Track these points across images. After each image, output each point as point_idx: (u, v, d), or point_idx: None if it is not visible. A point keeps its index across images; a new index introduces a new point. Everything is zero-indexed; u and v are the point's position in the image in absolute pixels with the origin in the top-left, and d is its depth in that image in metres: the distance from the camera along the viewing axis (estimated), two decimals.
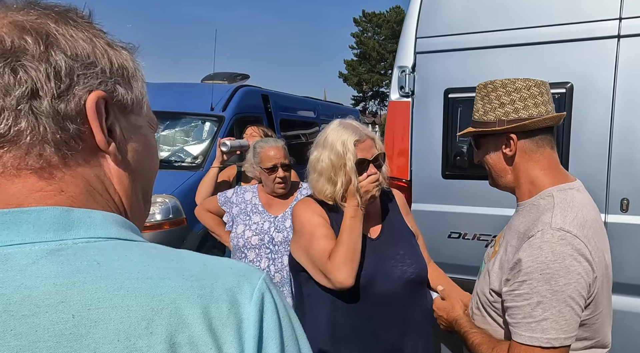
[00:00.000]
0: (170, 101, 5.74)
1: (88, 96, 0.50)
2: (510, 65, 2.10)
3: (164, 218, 4.55)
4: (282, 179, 2.26)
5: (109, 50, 0.53)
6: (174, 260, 0.49)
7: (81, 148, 0.50)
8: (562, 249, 1.02)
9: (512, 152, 1.18)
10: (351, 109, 10.54)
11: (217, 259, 0.52)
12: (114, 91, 0.52)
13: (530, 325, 1.03)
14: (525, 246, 1.06)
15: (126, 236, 0.50)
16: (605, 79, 1.94)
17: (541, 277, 1.02)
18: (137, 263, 0.47)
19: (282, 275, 2.21)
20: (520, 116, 1.16)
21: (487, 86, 1.21)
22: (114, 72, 0.52)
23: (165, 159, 5.27)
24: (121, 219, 0.52)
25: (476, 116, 1.23)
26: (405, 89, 2.30)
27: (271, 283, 0.52)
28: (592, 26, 1.93)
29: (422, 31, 2.25)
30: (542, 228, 1.06)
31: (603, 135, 1.96)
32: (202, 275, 0.48)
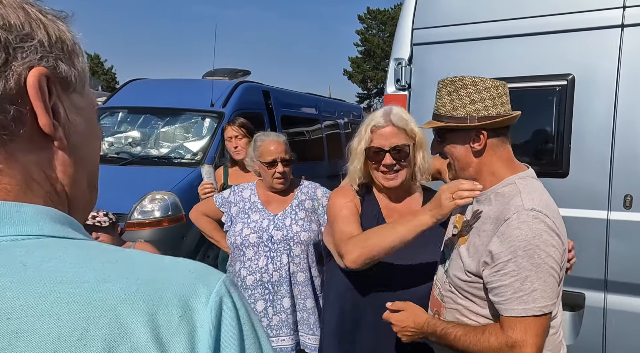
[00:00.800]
0: (170, 97, 5.72)
1: (28, 73, 0.44)
2: (510, 56, 2.04)
3: (163, 215, 4.52)
4: (282, 174, 2.21)
5: (44, 19, 0.47)
6: (119, 261, 0.44)
7: (22, 133, 0.44)
8: (538, 226, 1.14)
9: (480, 146, 1.26)
10: (354, 105, 10.48)
11: (172, 260, 0.47)
12: (55, 67, 0.47)
13: (522, 298, 1.13)
14: (502, 229, 1.16)
15: (62, 233, 0.45)
16: (608, 70, 1.87)
17: (524, 254, 1.13)
18: (72, 265, 0.41)
19: (281, 274, 2.16)
20: (490, 113, 1.25)
21: (455, 83, 1.27)
22: (53, 45, 0.47)
23: (165, 156, 5.25)
24: (58, 214, 0.46)
25: (442, 110, 1.28)
26: (401, 82, 2.24)
27: (232, 285, 0.47)
28: (594, 15, 1.86)
29: (419, 22, 2.19)
30: (517, 210, 1.17)
31: (606, 129, 1.89)
32: (151, 278, 0.43)
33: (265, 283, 2.16)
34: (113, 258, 0.44)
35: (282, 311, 2.16)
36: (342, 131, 8.28)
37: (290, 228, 2.17)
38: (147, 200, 4.55)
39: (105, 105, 6.11)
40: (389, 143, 1.51)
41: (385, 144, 1.51)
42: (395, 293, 1.52)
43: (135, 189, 4.61)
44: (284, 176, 2.22)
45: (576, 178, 1.95)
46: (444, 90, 1.29)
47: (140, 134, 5.56)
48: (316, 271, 2.25)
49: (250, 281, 2.18)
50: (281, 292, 2.15)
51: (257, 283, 2.17)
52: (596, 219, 1.93)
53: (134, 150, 5.42)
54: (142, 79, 6.49)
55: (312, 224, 2.24)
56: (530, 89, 2.02)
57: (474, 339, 1.21)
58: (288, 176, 2.25)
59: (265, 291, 2.16)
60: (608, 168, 1.90)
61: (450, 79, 1.28)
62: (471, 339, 1.22)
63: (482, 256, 1.21)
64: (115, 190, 4.65)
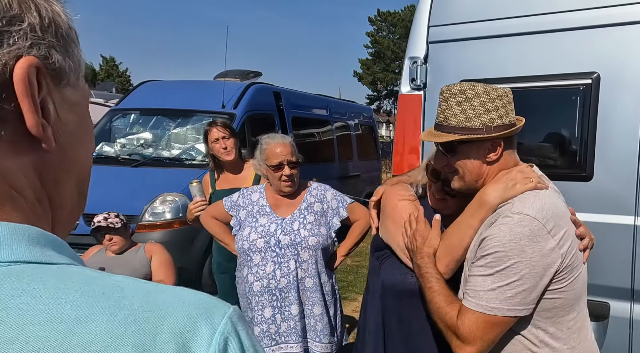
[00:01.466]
0: (182, 99, 5.73)
1: (15, 63, 0.37)
2: (531, 54, 1.96)
3: (174, 216, 4.52)
4: (289, 177, 2.16)
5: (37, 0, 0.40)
6: (105, 294, 0.36)
7: (4, 134, 0.38)
8: (519, 230, 1.13)
9: (497, 156, 1.25)
10: (364, 107, 10.42)
11: (168, 289, 0.40)
12: (48, 56, 0.40)
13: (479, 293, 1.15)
14: (488, 230, 1.17)
15: (41, 258, 0.37)
16: (635, 69, 1.78)
17: (496, 254, 1.14)
18: (48, 300, 0.34)
19: (288, 280, 2.11)
20: (504, 122, 1.22)
21: (465, 92, 1.23)
22: (45, 30, 0.40)
23: (176, 157, 5.25)
24: (37, 233, 0.38)
25: (454, 122, 1.24)
26: (416, 82, 2.17)
27: (240, 320, 0.40)
28: (621, 10, 1.77)
29: (435, 19, 2.12)
30: (504, 213, 1.17)
31: (633, 130, 1.80)
32: (143, 314, 0.36)
33: (273, 289, 2.11)
34: (99, 289, 0.37)
35: (291, 318, 2.11)
36: (353, 133, 8.23)
37: (298, 233, 2.12)
38: (158, 202, 4.54)
39: (118, 106, 6.15)
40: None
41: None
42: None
43: (147, 190, 4.62)
44: (292, 179, 2.17)
45: (601, 182, 1.86)
46: (452, 100, 1.24)
47: (152, 136, 5.58)
48: (325, 276, 2.20)
49: (257, 288, 2.13)
50: (289, 299, 2.10)
51: (265, 289, 2.12)
52: (622, 225, 1.84)
53: (145, 152, 5.43)
54: (155, 81, 6.52)
55: (321, 228, 2.18)
56: (553, 89, 1.93)
57: (438, 303, 1.23)
58: (296, 179, 2.20)
59: (272, 297, 2.12)
60: (635, 171, 1.81)
61: (458, 87, 1.24)
62: (437, 301, 1.23)
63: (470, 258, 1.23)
64: (127, 192, 4.67)
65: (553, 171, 1.93)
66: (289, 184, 2.18)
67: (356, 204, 2.33)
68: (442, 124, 1.26)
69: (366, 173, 8.27)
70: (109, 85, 16.12)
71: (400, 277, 1.47)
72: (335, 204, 2.25)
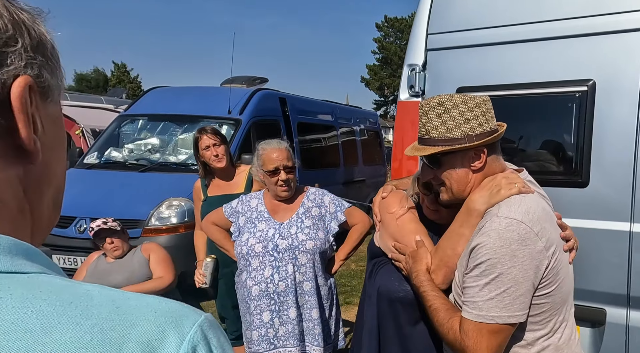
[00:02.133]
0: (189, 105, 5.81)
1: (14, 82, 0.40)
2: (527, 61, 1.98)
3: (179, 221, 4.57)
4: (285, 182, 2.19)
5: (25, 19, 0.42)
6: (73, 303, 0.36)
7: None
8: (509, 235, 1.13)
9: (481, 164, 1.26)
10: (370, 112, 10.44)
11: (137, 297, 0.40)
12: (40, 75, 0.42)
13: (477, 303, 1.15)
14: (477, 238, 1.17)
15: (11, 267, 0.37)
16: (631, 76, 1.79)
17: (488, 261, 1.15)
18: (15, 309, 0.34)
19: (287, 284, 2.14)
20: (485, 129, 1.24)
21: (444, 103, 1.24)
22: (35, 50, 0.42)
23: (183, 162, 5.31)
24: (10, 242, 0.39)
25: (434, 134, 1.25)
26: (415, 89, 2.20)
27: (212, 328, 0.40)
28: (616, 18, 1.79)
29: (433, 27, 2.15)
30: (491, 218, 1.18)
31: (628, 137, 1.81)
32: (110, 323, 0.36)
33: (271, 293, 2.14)
34: (67, 298, 0.37)
35: (289, 321, 2.14)
36: (358, 138, 8.26)
37: (295, 237, 2.15)
38: (164, 206, 4.60)
39: (127, 112, 6.24)
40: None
41: None
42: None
43: (153, 195, 4.69)
44: (288, 184, 2.20)
45: (597, 188, 1.87)
46: (431, 113, 1.25)
47: (159, 141, 5.65)
48: (323, 280, 2.22)
49: (256, 292, 2.16)
50: (287, 303, 2.13)
51: (263, 293, 2.15)
52: (618, 231, 1.84)
53: (152, 157, 5.50)
54: (163, 87, 6.61)
55: (319, 232, 2.20)
56: (549, 96, 1.95)
57: (439, 320, 1.24)
58: (292, 184, 2.23)
59: (271, 301, 2.14)
60: (631, 177, 1.81)
61: (437, 100, 1.25)
62: (438, 318, 1.24)
63: (463, 268, 1.23)
64: (133, 196, 4.74)
65: (549, 178, 1.94)
66: (285, 189, 2.20)
67: (354, 208, 2.35)
68: (424, 137, 1.28)
69: (371, 178, 8.29)
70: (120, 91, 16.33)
71: (397, 284, 1.49)
72: (333, 209, 2.27)
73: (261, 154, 2.25)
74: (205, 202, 2.86)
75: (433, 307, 1.26)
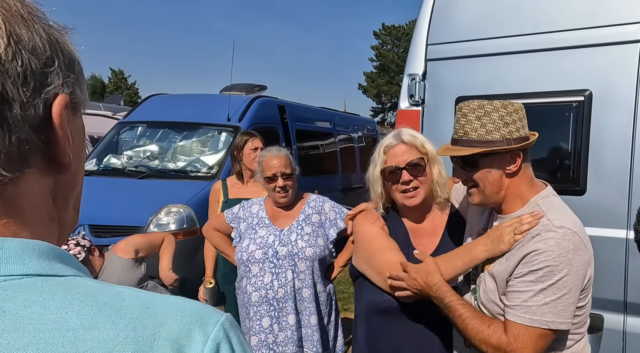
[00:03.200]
0: (188, 112, 5.83)
1: (54, 100, 0.42)
2: (526, 72, 2.02)
3: (178, 228, 4.57)
4: (282, 188, 2.22)
5: (59, 37, 0.44)
6: (108, 303, 0.40)
7: (33, 161, 0.41)
8: (566, 244, 1.16)
9: (516, 168, 1.28)
10: (368, 119, 10.49)
11: (165, 299, 0.43)
12: (73, 92, 0.44)
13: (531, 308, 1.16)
14: (529, 244, 1.19)
15: (50, 270, 0.40)
16: (626, 87, 1.83)
17: (547, 268, 1.15)
18: (57, 309, 0.37)
19: (286, 291, 2.15)
20: (521, 134, 1.27)
21: (484, 107, 1.27)
22: (68, 68, 0.44)
23: (182, 169, 5.32)
24: (47, 247, 0.42)
25: (474, 135, 1.27)
26: (415, 98, 2.23)
27: (232, 327, 0.43)
28: (612, 30, 1.83)
29: (433, 37, 2.19)
30: (546, 228, 1.19)
31: (624, 146, 1.84)
32: (142, 322, 0.39)
33: (271, 299, 2.15)
34: (102, 299, 0.40)
35: (288, 328, 2.15)
36: (356, 145, 8.30)
37: (295, 244, 2.17)
38: (163, 213, 4.60)
39: (126, 119, 6.25)
40: (403, 160, 1.51)
41: (400, 162, 1.51)
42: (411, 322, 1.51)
43: (152, 202, 4.68)
44: (286, 190, 2.22)
45: (594, 196, 1.90)
46: (471, 115, 1.27)
47: (158, 148, 5.66)
48: (322, 286, 2.24)
49: (255, 298, 2.17)
50: (286, 309, 2.14)
51: (263, 299, 2.16)
52: (615, 238, 1.87)
53: (151, 164, 5.51)
54: (162, 95, 6.63)
55: (319, 239, 2.22)
56: (547, 105, 1.99)
57: (476, 327, 1.23)
58: (291, 190, 2.25)
59: (270, 308, 2.15)
60: (627, 185, 1.85)
61: (477, 103, 1.28)
62: (473, 325, 1.23)
63: (507, 271, 1.23)
64: (132, 203, 4.73)
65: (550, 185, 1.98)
66: (283, 195, 2.22)
67: None
68: (461, 138, 1.29)
69: None
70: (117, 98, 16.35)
71: (378, 295, 1.51)
72: (333, 216, 2.29)
73: (261, 161, 2.29)
74: (225, 203, 2.91)
75: (464, 316, 1.26)
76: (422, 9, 2.21)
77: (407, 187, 1.52)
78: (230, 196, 2.94)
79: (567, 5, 1.93)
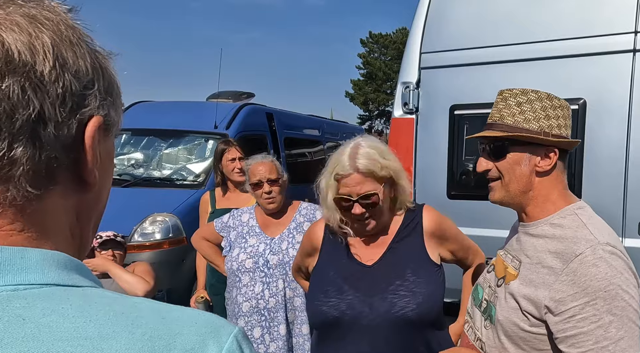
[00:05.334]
0: (174, 119, 5.74)
1: (89, 122, 0.43)
2: (519, 81, 2.01)
3: (163, 237, 4.47)
4: (268, 194, 2.18)
5: (103, 63, 0.46)
6: (125, 313, 0.41)
7: (61, 178, 0.43)
8: (617, 263, 1.00)
9: (549, 167, 1.12)
10: (356, 127, 10.53)
11: (180, 310, 0.44)
12: (108, 114, 0.46)
13: (607, 348, 0.96)
14: (574, 266, 1.01)
15: (68, 281, 0.41)
16: (620, 96, 1.85)
17: (606, 295, 0.98)
18: (75, 318, 0.38)
19: (277, 300, 2.10)
20: (562, 133, 1.13)
21: (527, 93, 1.13)
22: (107, 91, 0.46)
23: (167, 178, 5.23)
24: (65, 258, 0.43)
25: (510, 121, 1.13)
26: (409, 106, 2.22)
27: (245, 339, 0.44)
28: (606, 40, 1.85)
29: (427, 46, 2.19)
30: (591, 245, 1.02)
31: (619, 154, 1.85)
32: (158, 332, 0.40)
33: (262, 309, 2.11)
34: (119, 309, 0.41)
35: (279, 338, 2.11)
36: None
37: (286, 252, 2.13)
38: (148, 222, 4.50)
39: None
40: (355, 191, 1.37)
41: (352, 192, 1.37)
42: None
43: (137, 211, 4.58)
44: (272, 196, 2.19)
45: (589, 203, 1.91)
46: (512, 100, 1.13)
47: (143, 156, 5.56)
48: None
49: (246, 308, 2.13)
50: (278, 319, 2.10)
51: (254, 309, 2.12)
52: None
53: (136, 172, 5.40)
54: (146, 102, 6.54)
55: None
56: None
57: None
58: (278, 196, 2.21)
59: (261, 318, 2.11)
60: (622, 193, 1.86)
61: (520, 89, 1.14)
62: None
63: (546, 298, 1.04)
64: (116, 212, 4.61)
65: None
66: (270, 200, 2.19)
67: None
68: (496, 122, 1.15)
69: None
70: None
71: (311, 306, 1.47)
72: None
73: (248, 169, 2.27)
74: (212, 214, 2.86)
75: None
76: (416, 18, 2.21)
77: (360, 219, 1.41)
78: (218, 207, 2.90)
79: (561, 15, 1.95)
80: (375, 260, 1.46)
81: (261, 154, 2.37)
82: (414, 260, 1.45)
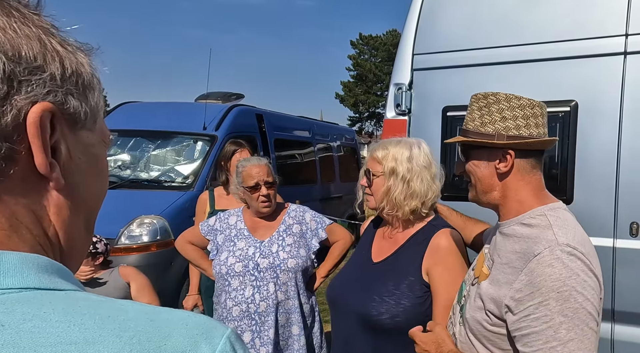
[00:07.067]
0: (162, 120, 5.67)
1: (30, 108, 0.41)
2: (512, 82, 2.03)
3: (151, 239, 4.40)
4: (266, 197, 2.15)
5: (62, 51, 0.45)
6: (111, 316, 0.39)
7: (12, 173, 0.41)
8: (574, 264, 1.01)
9: (507, 168, 1.16)
10: (347, 129, 10.53)
11: (169, 311, 0.43)
12: (64, 102, 0.44)
13: (556, 348, 0.97)
14: (532, 265, 1.03)
15: (49, 284, 0.40)
16: (611, 98, 1.86)
17: (559, 296, 0.99)
18: (58, 323, 0.37)
19: (268, 304, 2.07)
20: (521, 133, 1.15)
21: (487, 97, 1.18)
22: (66, 79, 0.44)
23: (155, 179, 5.16)
24: (45, 261, 0.41)
25: (471, 126, 1.19)
26: (401, 107, 2.21)
27: (238, 340, 0.43)
28: (597, 42, 1.86)
29: (419, 47, 2.18)
30: (549, 245, 1.04)
31: (610, 156, 1.87)
32: (147, 335, 0.39)
33: (252, 313, 2.08)
34: (104, 312, 0.39)
35: (269, 342, 2.08)
36: (335, 154, 8.28)
37: (277, 255, 2.10)
38: (135, 224, 4.43)
39: None
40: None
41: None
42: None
43: (124, 213, 4.50)
44: (269, 199, 2.16)
45: (581, 205, 1.91)
46: (475, 105, 1.20)
47: (130, 157, 5.48)
48: (305, 298, 2.18)
49: (236, 313, 2.09)
50: (268, 323, 2.07)
51: (244, 314, 2.08)
52: (601, 247, 1.88)
53: (123, 173, 5.32)
54: (134, 102, 6.44)
55: (300, 249, 2.17)
56: None
57: None
58: (273, 199, 2.19)
59: (252, 322, 2.08)
60: (613, 195, 1.87)
61: (483, 93, 1.19)
62: None
63: (506, 297, 1.06)
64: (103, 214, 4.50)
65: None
66: (267, 204, 2.17)
67: (335, 225, 2.33)
68: (463, 127, 1.23)
69: (348, 195, 8.29)
70: None
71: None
72: (314, 226, 2.24)
73: (241, 171, 2.22)
74: (211, 214, 2.83)
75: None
76: (408, 19, 2.20)
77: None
78: (217, 207, 2.86)
79: (554, 17, 1.96)
80: (382, 259, 1.59)
81: (255, 157, 2.35)
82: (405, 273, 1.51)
